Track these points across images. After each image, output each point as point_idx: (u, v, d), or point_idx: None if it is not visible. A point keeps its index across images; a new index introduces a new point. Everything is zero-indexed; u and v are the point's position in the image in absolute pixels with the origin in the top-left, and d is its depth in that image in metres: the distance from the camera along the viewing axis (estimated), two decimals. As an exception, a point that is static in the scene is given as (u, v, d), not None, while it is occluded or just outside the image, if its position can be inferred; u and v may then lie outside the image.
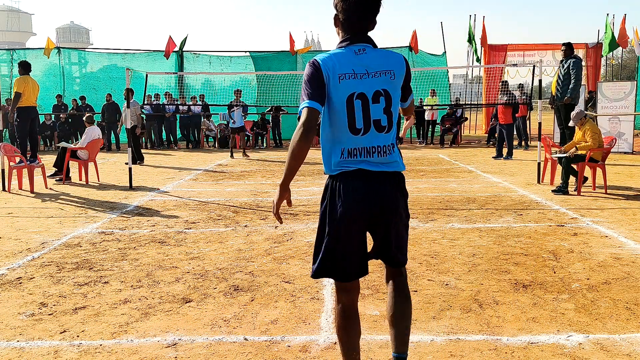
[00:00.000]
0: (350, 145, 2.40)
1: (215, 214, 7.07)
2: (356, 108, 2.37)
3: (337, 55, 2.40)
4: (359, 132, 2.38)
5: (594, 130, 8.23)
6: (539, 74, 9.92)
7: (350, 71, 2.37)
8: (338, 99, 2.37)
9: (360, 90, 2.37)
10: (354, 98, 2.36)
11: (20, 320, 3.65)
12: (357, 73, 2.37)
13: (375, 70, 2.40)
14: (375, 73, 2.39)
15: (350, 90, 2.36)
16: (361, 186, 2.40)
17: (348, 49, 2.42)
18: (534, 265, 4.69)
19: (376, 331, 3.40)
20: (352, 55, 2.40)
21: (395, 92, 2.44)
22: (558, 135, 13.42)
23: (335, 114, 2.39)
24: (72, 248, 5.47)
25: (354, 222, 2.41)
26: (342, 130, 2.40)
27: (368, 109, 2.38)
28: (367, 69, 2.38)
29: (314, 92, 2.36)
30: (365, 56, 2.40)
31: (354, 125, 2.38)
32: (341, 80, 2.35)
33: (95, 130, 10.60)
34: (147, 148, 17.93)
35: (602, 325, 3.45)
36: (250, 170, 11.93)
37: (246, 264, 4.84)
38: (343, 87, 2.36)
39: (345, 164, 2.41)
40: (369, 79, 2.38)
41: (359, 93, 2.37)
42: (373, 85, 2.39)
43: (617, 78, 25.30)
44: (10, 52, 21.75)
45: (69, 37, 78.91)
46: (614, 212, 6.89)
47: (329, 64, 2.36)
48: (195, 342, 3.30)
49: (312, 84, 2.37)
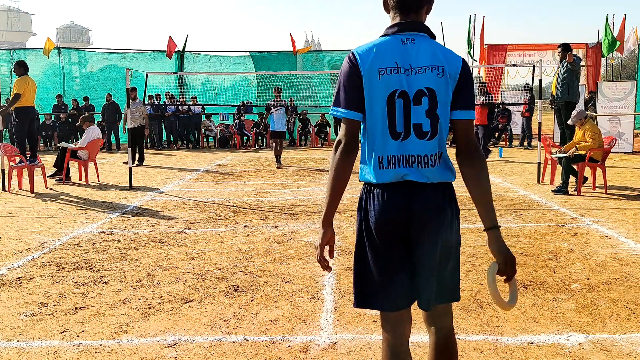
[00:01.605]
0: (390, 152, 2.03)
1: (215, 214, 7.07)
2: (397, 108, 2.01)
3: (380, 46, 2.03)
4: (399, 137, 2.03)
5: (594, 130, 8.23)
6: (539, 74, 9.92)
7: (392, 64, 2.00)
8: (378, 97, 2.01)
9: (403, 87, 2.00)
10: (395, 96, 2.00)
11: (20, 320, 3.65)
12: (400, 66, 2.00)
13: (421, 65, 2.01)
14: (420, 68, 2.01)
15: (392, 88, 2.00)
16: (399, 199, 2.03)
17: (394, 37, 2.04)
18: (534, 265, 4.69)
19: (376, 331, 3.40)
20: (397, 44, 2.03)
21: (443, 93, 2.03)
22: (558, 135, 13.43)
23: (374, 114, 2.03)
24: (72, 248, 5.47)
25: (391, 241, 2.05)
26: (381, 134, 2.03)
27: (409, 111, 2.02)
28: (411, 63, 2.01)
29: (351, 97, 2.02)
30: (412, 47, 2.02)
31: (395, 129, 2.02)
32: (381, 76, 1.99)
33: (95, 130, 10.61)
34: (147, 148, 17.93)
35: (602, 325, 3.45)
36: (250, 170, 11.93)
37: (246, 264, 4.84)
38: (384, 83, 2.00)
39: (383, 174, 2.04)
40: (412, 75, 2.01)
41: (401, 91, 2.00)
42: (417, 83, 2.01)
43: (617, 78, 25.30)
44: (10, 52, 21.76)
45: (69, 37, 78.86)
46: (614, 212, 6.89)
47: (367, 57, 2.01)
48: (195, 342, 3.30)
49: (348, 86, 2.03)
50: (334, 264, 4.80)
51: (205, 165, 13.02)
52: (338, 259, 4.97)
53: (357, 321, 3.57)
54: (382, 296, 2.07)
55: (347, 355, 3.11)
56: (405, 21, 2.06)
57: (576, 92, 9.86)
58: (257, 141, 19.09)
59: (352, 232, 5.90)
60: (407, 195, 2.03)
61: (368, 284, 2.08)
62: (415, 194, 2.03)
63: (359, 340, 3.29)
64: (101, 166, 12.29)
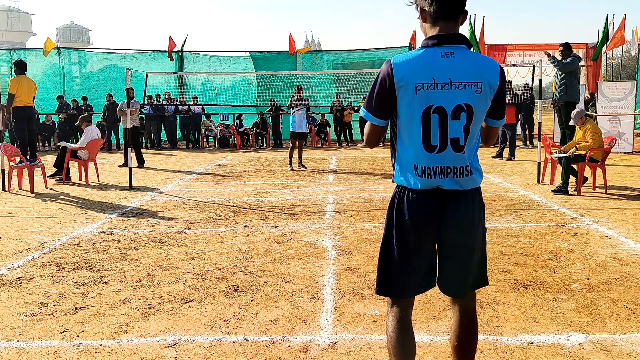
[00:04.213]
0: (424, 163, 2.13)
1: (215, 214, 7.07)
2: (432, 123, 2.09)
3: (418, 59, 2.08)
4: (434, 150, 2.12)
5: (595, 130, 8.23)
6: (539, 74, 9.92)
7: (429, 80, 2.05)
8: (414, 111, 2.09)
9: (439, 103, 2.07)
10: (430, 111, 2.08)
11: (20, 320, 3.65)
12: (438, 82, 2.05)
13: (461, 80, 2.06)
14: (460, 84, 2.06)
15: (427, 103, 2.08)
16: (433, 204, 2.17)
17: (434, 50, 2.09)
18: (534, 265, 4.69)
19: (376, 331, 3.40)
20: (436, 58, 2.07)
21: (479, 108, 2.12)
22: (558, 135, 13.42)
23: (409, 125, 2.12)
24: (72, 248, 5.47)
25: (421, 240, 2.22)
26: (416, 145, 2.13)
27: (446, 126, 2.09)
28: (450, 78, 2.06)
29: (380, 106, 2.15)
30: (452, 61, 2.06)
31: (429, 142, 2.11)
32: (418, 91, 2.06)
33: (94, 130, 10.61)
34: (147, 148, 17.93)
35: (602, 325, 3.45)
36: (250, 170, 11.93)
37: (246, 264, 4.84)
38: (420, 98, 2.07)
39: (418, 181, 2.16)
40: (451, 90, 2.06)
41: (437, 106, 2.07)
42: (455, 99, 2.07)
43: (617, 78, 25.30)
44: (10, 52, 21.77)
45: (69, 37, 78.88)
46: (614, 212, 6.89)
47: (404, 72, 2.06)
48: (195, 342, 3.30)
49: (379, 95, 2.14)
50: (333, 264, 4.80)
51: (205, 165, 13.02)
52: (338, 258, 4.97)
53: (357, 321, 3.57)
54: (403, 287, 2.28)
55: (347, 355, 3.11)
56: (444, 34, 2.10)
57: (576, 92, 9.86)
58: (257, 141, 19.10)
59: (352, 232, 5.90)
60: (440, 200, 2.18)
61: (391, 275, 2.28)
62: (449, 200, 2.18)
63: (359, 340, 3.29)
64: (101, 166, 12.29)
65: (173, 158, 15.09)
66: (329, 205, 7.56)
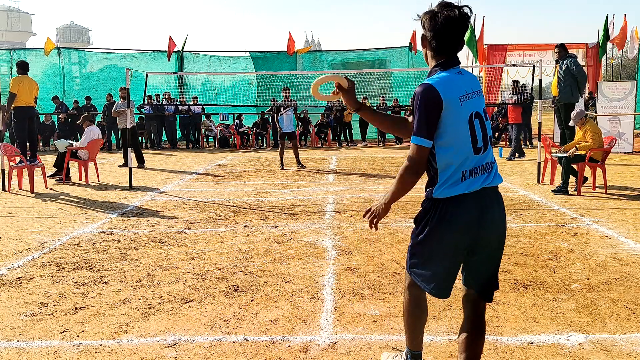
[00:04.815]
0: (472, 166, 2.40)
1: (215, 214, 7.07)
2: (476, 127, 2.40)
3: (448, 79, 2.38)
4: (480, 151, 2.40)
5: (595, 130, 8.23)
6: (539, 74, 9.92)
7: (463, 92, 2.38)
8: (460, 120, 2.36)
9: (476, 109, 2.41)
10: (472, 117, 2.39)
11: (20, 320, 3.65)
12: (469, 93, 2.40)
13: (473, 90, 2.43)
14: (473, 93, 2.43)
15: (470, 110, 2.39)
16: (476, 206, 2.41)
17: (450, 71, 2.41)
18: (534, 265, 4.69)
19: (376, 331, 3.40)
20: (457, 77, 2.41)
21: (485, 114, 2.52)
22: (558, 135, 13.42)
23: (457, 136, 2.36)
24: (72, 248, 5.47)
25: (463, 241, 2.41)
26: (464, 151, 2.37)
27: (485, 127, 2.43)
28: (466, 90, 2.40)
29: (431, 127, 2.33)
30: (463, 77, 2.43)
31: (476, 144, 2.39)
32: (462, 102, 2.36)
33: (94, 130, 10.61)
34: (147, 148, 17.94)
35: (602, 325, 3.45)
36: (250, 170, 11.93)
37: (246, 264, 4.84)
38: (465, 108, 2.37)
39: (467, 185, 2.39)
40: (475, 98, 2.42)
41: (475, 112, 2.41)
42: (479, 104, 2.44)
43: (617, 78, 25.31)
44: (10, 52, 21.77)
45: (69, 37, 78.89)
46: (614, 212, 6.89)
47: (445, 89, 2.33)
48: (195, 342, 3.30)
49: (431, 116, 2.32)
50: (333, 264, 4.81)
51: (205, 165, 13.02)
52: (338, 258, 4.97)
53: (357, 321, 3.57)
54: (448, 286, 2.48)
55: (347, 355, 3.11)
56: (452, 59, 2.45)
57: (576, 93, 9.86)
58: (257, 141, 19.10)
59: (352, 232, 5.90)
60: (479, 201, 2.42)
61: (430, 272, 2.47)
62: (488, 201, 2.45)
63: (359, 340, 3.29)
64: (101, 166, 12.29)
65: (173, 158, 15.09)
66: (329, 205, 7.56)
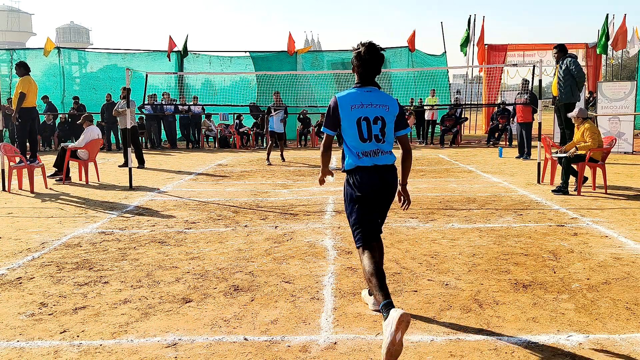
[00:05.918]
0: (362, 150, 3.50)
1: (215, 214, 7.07)
2: (363, 126, 3.48)
3: (352, 94, 3.54)
4: (366, 141, 3.49)
5: (593, 130, 8.23)
6: (539, 74, 9.92)
7: (358, 103, 3.50)
8: (351, 120, 3.49)
9: (365, 115, 3.49)
10: (361, 120, 3.48)
11: (20, 320, 3.65)
12: (364, 104, 3.49)
13: (377, 103, 3.51)
14: (377, 105, 3.51)
15: (358, 115, 3.49)
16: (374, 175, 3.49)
17: (360, 89, 3.56)
18: (534, 265, 4.69)
19: (376, 331, 3.40)
20: (362, 93, 3.54)
21: (389, 120, 3.53)
22: (558, 135, 13.42)
23: (349, 130, 3.51)
24: (72, 248, 5.47)
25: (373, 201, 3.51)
26: (355, 140, 3.50)
27: (371, 128, 3.48)
28: (371, 102, 3.50)
29: (331, 122, 3.56)
30: (371, 94, 3.54)
31: (363, 137, 3.49)
32: (353, 109, 3.48)
33: (94, 130, 10.60)
34: (147, 148, 17.93)
35: (602, 325, 3.45)
36: (250, 170, 11.93)
37: (246, 264, 4.84)
38: (354, 113, 3.49)
39: (361, 161, 3.50)
40: (372, 108, 3.49)
41: (364, 117, 3.49)
42: (374, 113, 3.49)
43: (617, 78, 25.30)
44: (10, 52, 21.77)
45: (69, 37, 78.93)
46: (614, 212, 6.89)
47: (343, 100, 3.51)
48: (195, 342, 3.30)
49: (332, 115, 3.54)
50: (333, 264, 4.81)
51: (205, 165, 13.02)
52: (338, 258, 4.97)
53: (357, 321, 3.57)
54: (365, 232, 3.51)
55: (347, 355, 3.11)
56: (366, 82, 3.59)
57: (576, 93, 9.86)
58: (257, 141, 19.10)
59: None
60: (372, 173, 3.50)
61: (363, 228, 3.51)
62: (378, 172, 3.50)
63: (359, 340, 3.29)
64: (101, 166, 12.29)
65: (173, 158, 15.09)
66: (329, 205, 7.56)
